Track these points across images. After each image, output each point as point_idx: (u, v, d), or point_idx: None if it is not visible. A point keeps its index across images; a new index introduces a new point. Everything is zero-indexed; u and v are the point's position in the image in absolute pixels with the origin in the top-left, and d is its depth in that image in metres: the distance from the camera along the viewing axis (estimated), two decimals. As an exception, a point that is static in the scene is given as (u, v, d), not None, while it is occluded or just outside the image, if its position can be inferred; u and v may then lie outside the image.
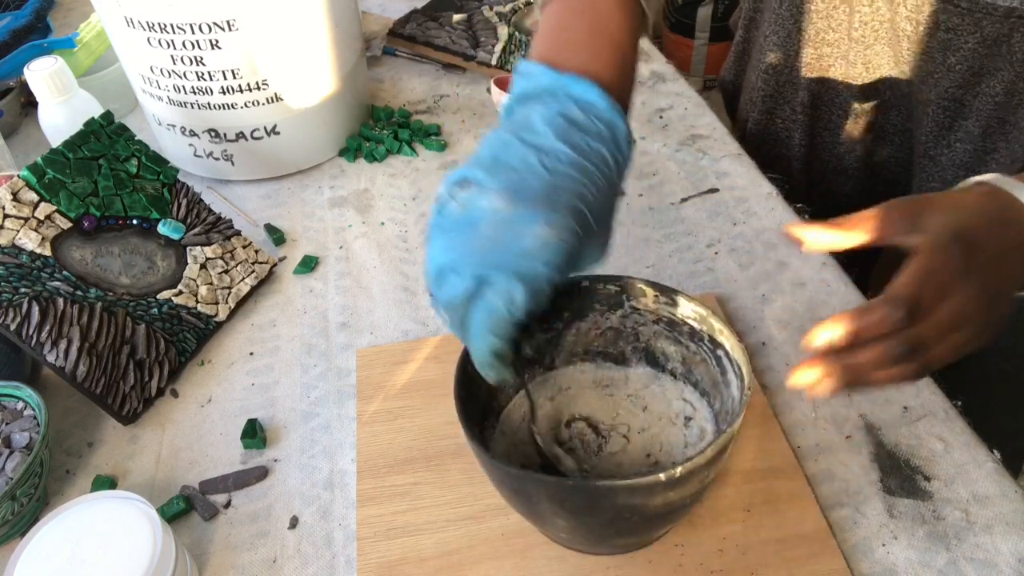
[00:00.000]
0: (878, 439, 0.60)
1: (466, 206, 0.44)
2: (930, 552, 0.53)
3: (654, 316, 0.56)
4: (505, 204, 0.43)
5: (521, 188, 0.43)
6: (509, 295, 0.43)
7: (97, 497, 0.51)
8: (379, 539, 0.56)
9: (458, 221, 0.44)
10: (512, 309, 0.43)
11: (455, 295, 0.44)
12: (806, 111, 0.85)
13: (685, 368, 0.57)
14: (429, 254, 0.45)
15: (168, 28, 0.76)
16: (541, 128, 0.45)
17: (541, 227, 0.42)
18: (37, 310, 0.62)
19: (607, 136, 0.46)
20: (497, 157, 0.45)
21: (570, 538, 0.52)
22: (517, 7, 1.14)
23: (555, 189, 0.43)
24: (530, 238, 0.42)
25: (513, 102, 0.48)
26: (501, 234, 0.42)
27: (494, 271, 0.42)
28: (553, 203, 0.43)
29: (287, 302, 0.76)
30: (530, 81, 0.48)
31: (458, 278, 0.43)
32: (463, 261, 0.43)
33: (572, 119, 0.45)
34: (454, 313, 0.45)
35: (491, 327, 0.44)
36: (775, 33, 0.84)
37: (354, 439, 0.63)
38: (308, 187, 0.89)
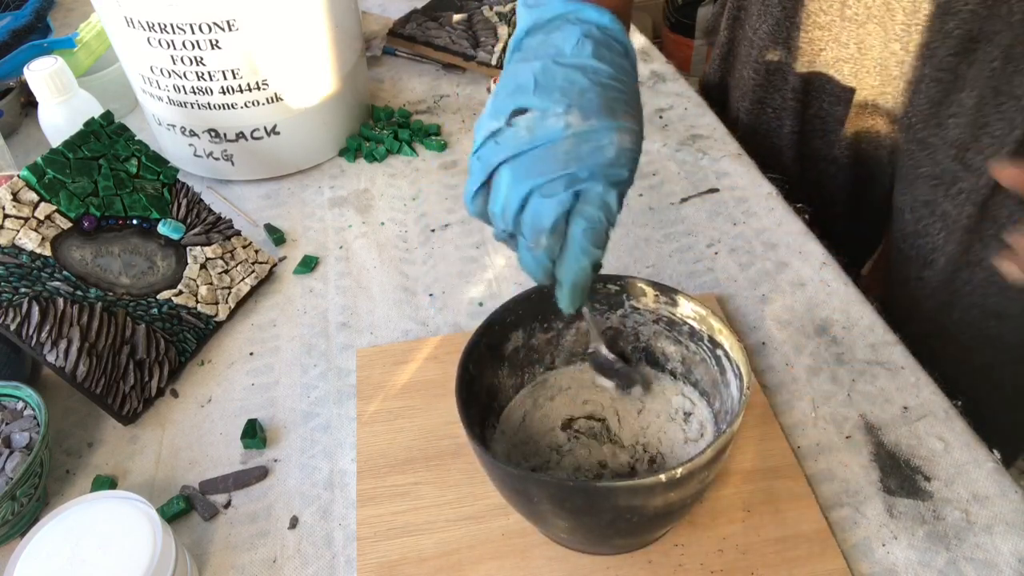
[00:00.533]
0: (878, 439, 0.60)
1: (533, 129, 0.44)
2: (930, 552, 0.53)
3: (654, 316, 0.56)
4: (576, 119, 0.44)
5: (583, 103, 0.44)
6: (606, 203, 0.44)
7: (97, 497, 0.51)
8: (379, 539, 0.56)
9: (528, 144, 0.44)
10: (610, 216, 0.44)
11: (552, 215, 0.43)
12: (797, 98, 0.85)
13: (685, 368, 0.57)
14: (501, 189, 0.45)
15: (168, 28, 0.76)
16: (571, 51, 0.46)
17: (615, 134, 0.44)
18: (37, 310, 0.62)
19: (624, 53, 0.48)
20: (542, 82, 0.45)
21: (570, 538, 0.52)
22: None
23: (612, 100, 0.45)
24: (609, 147, 0.44)
25: (523, 34, 0.49)
26: (582, 148, 0.43)
27: (587, 183, 0.43)
28: (617, 112, 0.45)
29: (287, 302, 0.76)
30: (542, 11, 0.48)
31: (551, 199, 0.43)
32: (552, 180, 0.43)
33: (595, 39, 0.47)
34: (550, 240, 0.44)
35: (593, 239, 0.44)
36: (764, 23, 0.84)
37: (354, 439, 0.63)
38: (308, 187, 0.89)
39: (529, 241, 0.45)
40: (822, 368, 0.65)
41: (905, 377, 0.64)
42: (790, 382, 0.65)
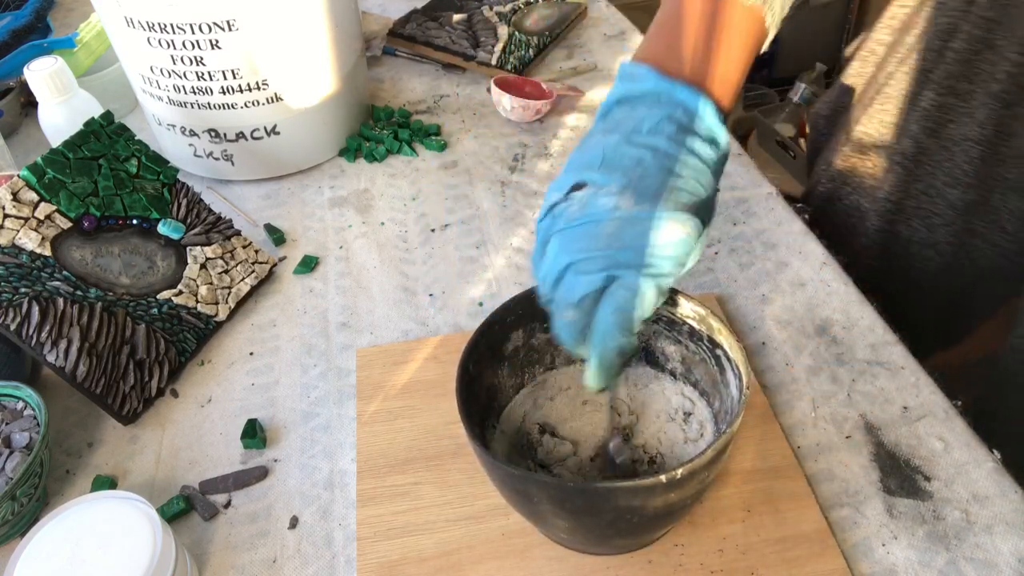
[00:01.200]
0: (878, 439, 0.60)
1: (585, 206, 0.44)
2: (930, 552, 0.53)
3: (654, 315, 0.56)
4: (628, 202, 0.43)
5: (640, 187, 0.43)
6: (640, 292, 0.43)
7: (97, 497, 0.51)
8: (379, 539, 0.56)
9: (578, 221, 0.44)
10: (643, 305, 0.43)
11: (585, 293, 0.43)
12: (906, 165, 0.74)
13: (685, 368, 0.57)
14: (547, 257, 0.45)
15: (168, 28, 0.76)
16: (649, 130, 0.45)
17: (665, 223, 0.43)
18: (37, 310, 0.62)
19: (710, 141, 0.46)
20: (609, 158, 0.45)
21: (570, 538, 0.52)
22: (517, 7, 1.14)
23: (673, 188, 0.44)
24: (656, 234, 0.43)
25: (612, 103, 0.48)
26: (626, 232, 0.43)
27: (623, 269, 0.43)
28: (675, 202, 0.43)
29: (287, 302, 0.76)
30: (634, 84, 0.47)
31: (584, 276, 0.43)
32: (589, 259, 0.43)
33: (679, 123, 0.45)
34: (583, 315, 0.44)
35: (620, 324, 0.44)
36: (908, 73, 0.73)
37: (354, 439, 0.63)
38: (308, 187, 0.89)
39: (558, 312, 0.45)
40: (822, 368, 0.65)
41: (905, 377, 0.64)
42: (790, 382, 0.65)
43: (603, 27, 1.15)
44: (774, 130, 2.05)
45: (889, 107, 0.74)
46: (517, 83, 0.99)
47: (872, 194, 0.78)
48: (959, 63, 0.68)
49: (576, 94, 1.00)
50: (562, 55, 1.10)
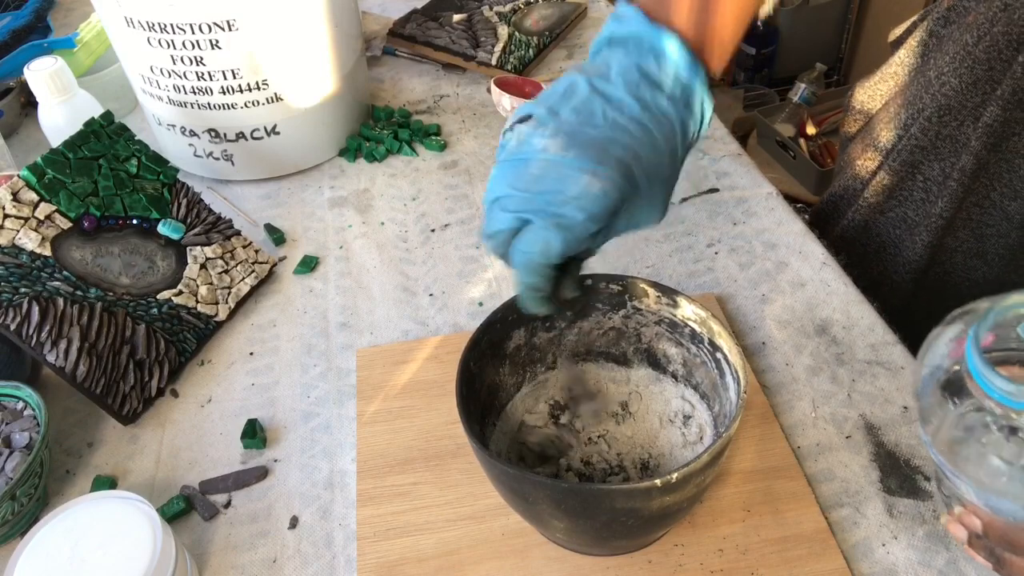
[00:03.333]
0: (878, 439, 0.60)
1: (521, 142, 0.44)
2: (930, 552, 0.53)
3: (656, 317, 0.56)
4: (557, 146, 0.43)
5: (576, 133, 0.43)
6: (546, 242, 0.43)
7: (97, 497, 0.51)
8: (379, 539, 0.56)
9: (512, 156, 0.44)
10: (547, 254, 0.44)
11: (498, 230, 0.45)
12: (962, 180, 0.72)
13: (686, 370, 0.57)
14: (488, 183, 0.46)
15: (168, 28, 0.76)
16: (614, 77, 0.45)
17: (586, 175, 0.42)
18: (37, 310, 0.62)
19: (678, 97, 0.45)
20: (564, 97, 0.45)
21: (568, 539, 0.52)
22: (517, 7, 1.14)
23: (609, 141, 0.43)
24: (574, 184, 0.42)
25: (603, 42, 0.48)
26: (546, 176, 0.43)
27: (535, 213, 0.43)
28: (603, 154, 0.43)
29: (287, 302, 0.76)
30: (620, 25, 0.47)
31: (502, 213, 0.44)
32: (509, 197, 0.44)
33: (647, 73, 0.45)
34: (498, 246, 0.46)
35: (526, 266, 0.45)
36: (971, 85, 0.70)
37: (354, 439, 0.63)
38: (308, 187, 0.89)
39: (487, 241, 0.46)
40: (822, 368, 0.65)
41: (905, 377, 0.64)
42: (790, 382, 0.65)
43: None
44: (774, 130, 2.04)
45: (948, 119, 0.72)
46: (517, 83, 0.99)
47: (925, 208, 0.76)
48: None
49: (576, 94, 0.99)
50: (562, 55, 1.10)
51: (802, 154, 1.98)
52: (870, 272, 0.76)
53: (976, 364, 0.35)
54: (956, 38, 0.72)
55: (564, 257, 0.44)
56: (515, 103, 0.93)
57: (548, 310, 0.48)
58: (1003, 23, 0.66)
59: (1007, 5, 0.67)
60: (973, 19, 0.71)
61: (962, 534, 0.43)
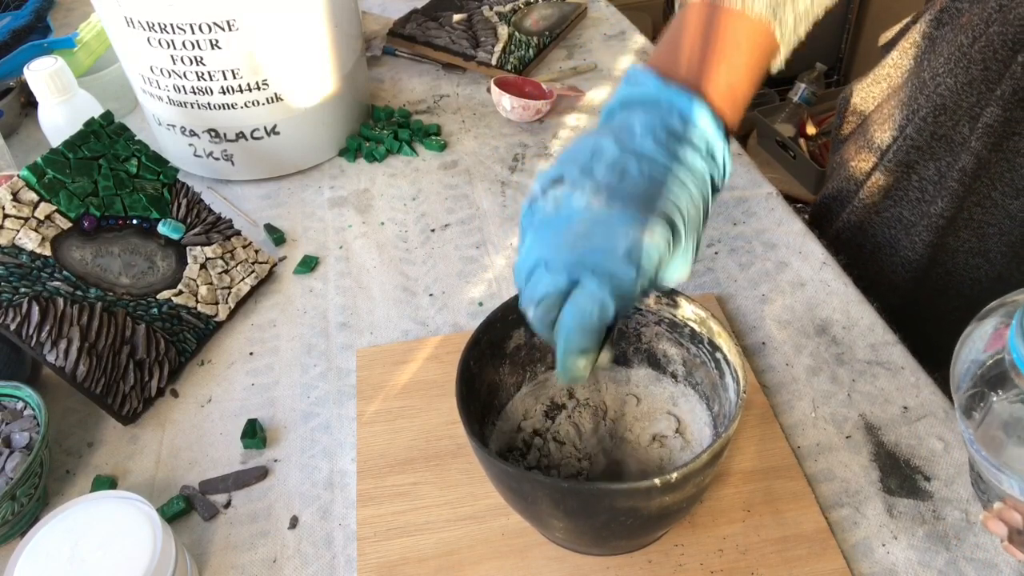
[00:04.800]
0: (878, 439, 0.60)
1: (559, 203, 0.43)
2: (930, 552, 0.53)
3: (656, 317, 0.56)
4: (600, 203, 0.42)
5: (617, 189, 0.43)
6: (601, 300, 0.42)
7: (97, 497, 0.51)
8: (379, 539, 0.56)
9: (551, 218, 0.43)
10: (602, 314, 0.42)
11: (547, 293, 0.43)
12: (962, 179, 0.71)
13: (686, 370, 0.57)
14: (521, 250, 0.45)
15: (168, 28, 0.76)
16: (641, 134, 0.44)
17: (635, 229, 0.42)
18: (37, 310, 0.62)
19: (705, 153, 0.45)
20: (594, 158, 0.44)
21: (566, 538, 0.52)
22: (517, 7, 1.14)
23: (651, 194, 0.43)
24: (623, 239, 0.42)
25: (615, 106, 0.48)
26: (594, 233, 0.42)
27: (586, 272, 0.42)
28: (648, 207, 0.42)
29: (287, 302, 0.76)
30: (635, 88, 0.47)
31: (550, 275, 0.43)
32: (555, 258, 0.43)
33: (672, 130, 0.45)
34: (546, 312, 0.44)
35: (580, 329, 0.43)
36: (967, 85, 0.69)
37: (354, 439, 0.63)
38: (308, 187, 0.89)
39: (526, 307, 0.45)
40: (822, 368, 0.65)
41: (905, 377, 0.64)
42: (790, 382, 0.65)
43: (603, 27, 1.15)
44: (774, 130, 2.04)
45: (943, 120, 0.72)
46: (517, 83, 0.99)
47: (921, 208, 0.76)
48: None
49: (576, 94, 1.00)
50: (562, 55, 1.10)
51: (802, 154, 1.98)
52: (868, 272, 0.76)
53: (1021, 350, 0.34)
54: (950, 39, 0.72)
55: (615, 318, 0.43)
56: (515, 103, 0.93)
57: (583, 379, 0.46)
58: (999, 23, 0.66)
59: (1002, 6, 0.67)
60: (967, 20, 0.71)
61: (1002, 531, 0.42)
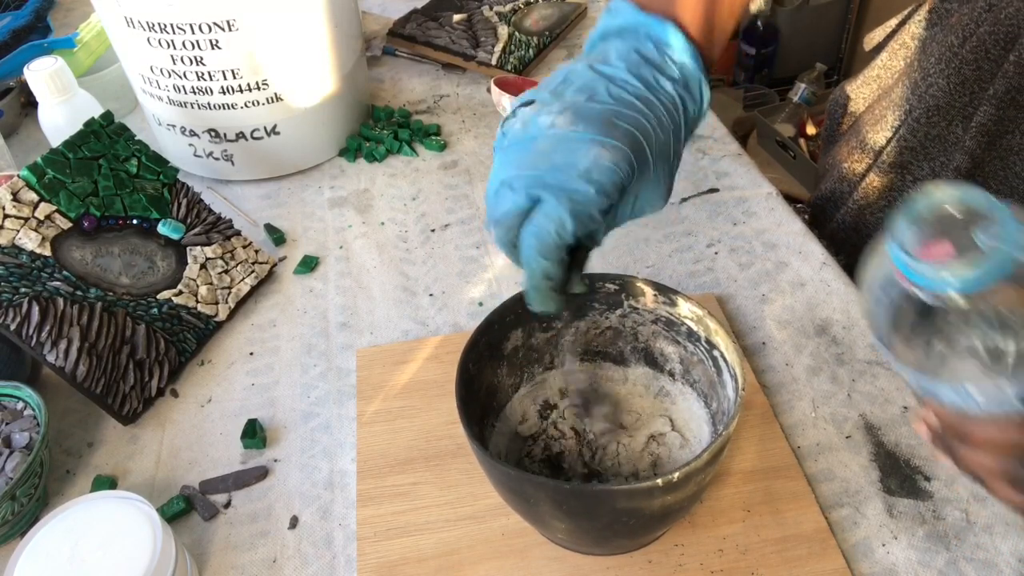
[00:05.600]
0: (878, 439, 0.60)
1: (527, 123, 0.44)
2: (930, 552, 0.53)
3: (653, 316, 0.56)
4: (565, 122, 0.43)
5: (582, 109, 0.43)
6: (558, 218, 0.43)
7: (97, 497, 0.51)
8: (379, 539, 0.56)
9: (518, 138, 0.44)
10: (562, 233, 0.43)
11: (505, 210, 0.44)
12: (959, 177, 0.71)
13: (683, 368, 0.57)
14: (492, 171, 0.46)
15: (168, 28, 0.75)
16: (614, 60, 0.45)
17: (595, 147, 0.42)
18: (37, 310, 0.62)
19: (678, 78, 0.46)
20: (565, 81, 0.45)
21: (568, 539, 0.52)
22: (517, 7, 1.14)
23: (616, 115, 0.43)
24: (584, 157, 0.42)
25: (596, 38, 0.48)
26: (556, 151, 0.43)
27: (545, 190, 0.43)
28: (611, 127, 0.43)
29: (287, 302, 0.76)
30: (614, 18, 0.47)
31: (512, 194, 0.44)
32: (517, 176, 0.43)
33: (645, 55, 0.45)
34: (507, 231, 0.45)
35: (540, 249, 0.44)
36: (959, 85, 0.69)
37: (354, 439, 0.63)
38: (308, 187, 0.89)
39: (490, 226, 0.45)
40: (822, 368, 0.65)
41: (905, 377, 0.64)
42: (790, 382, 0.65)
43: (603, 27, 1.15)
44: (774, 130, 2.04)
45: (936, 120, 0.72)
46: (517, 83, 0.99)
47: None
48: (1022, 74, 0.65)
49: (576, 94, 0.99)
50: (562, 55, 1.10)
51: (802, 154, 1.98)
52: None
53: (896, 255, 0.36)
54: (940, 40, 0.72)
55: (576, 237, 0.43)
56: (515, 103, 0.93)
57: (556, 306, 0.47)
58: (988, 23, 0.67)
59: (992, 5, 0.67)
60: (956, 20, 0.71)
61: (924, 432, 0.43)
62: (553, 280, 0.45)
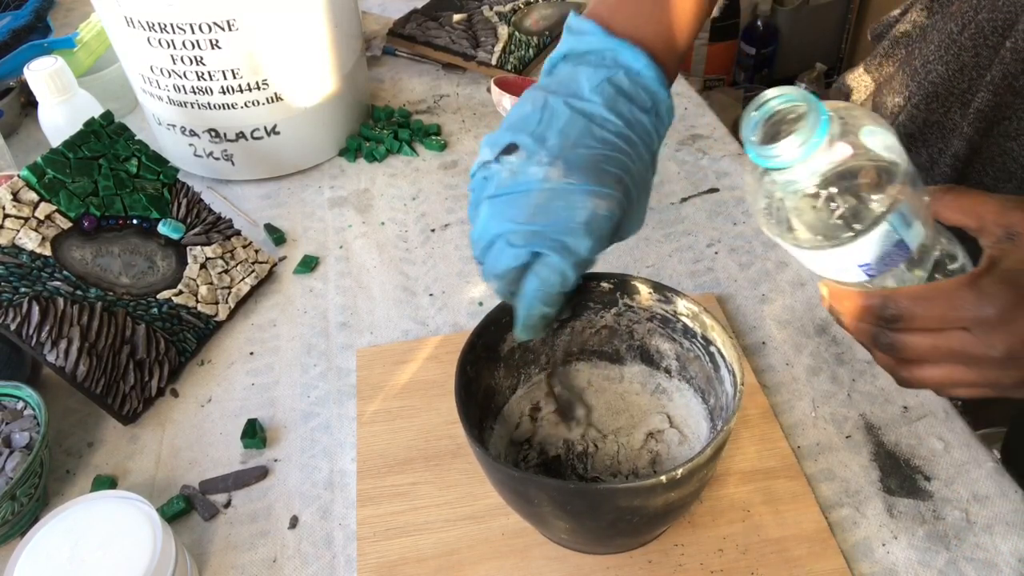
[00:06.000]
0: (878, 439, 0.60)
1: (516, 174, 0.44)
2: (930, 552, 0.53)
3: (648, 313, 0.56)
4: (558, 174, 0.43)
5: (571, 159, 0.43)
6: (561, 271, 0.43)
7: (97, 497, 0.51)
8: (379, 539, 0.56)
9: (508, 188, 0.44)
10: (565, 284, 0.44)
11: (508, 266, 0.44)
12: (955, 165, 0.71)
13: (680, 365, 0.57)
14: (479, 222, 0.45)
15: (168, 28, 0.76)
16: (588, 94, 0.45)
17: (591, 199, 0.43)
18: (37, 310, 0.62)
19: (650, 107, 0.46)
20: (544, 122, 0.44)
21: (570, 539, 0.52)
22: (517, 7, 1.14)
23: (604, 159, 0.44)
24: (582, 210, 0.43)
25: (558, 58, 0.48)
26: (553, 205, 0.43)
27: (546, 245, 0.43)
28: (602, 174, 0.43)
29: (287, 302, 0.76)
30: (580, 40, 0.47)
31: (511, 249, 0.44)
32: (516, 231, 0.43)
33: (619, 87, 0.45)
34: (504, 283, 0.45)
35: (543, 299, 0.45)
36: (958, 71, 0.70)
37: (354, 439, 0.63)
38: (308, 187, 0.89)
39: (487, 278, 0.46)
40: (822, 368, 0.65)
41: (905, 377, 0.64)
42: (790, 382, 0.65)
43: (603, 27, 1.15)
44: (774, 130, 2.04)
45: (935, 107, 0.72)
46: (517, 83, 0.99)
47: None
48: (1018, 60, 0.66)
49: (576, 94, 0.99)
50: (562, 55, 1.10)
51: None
52: None
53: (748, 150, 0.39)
54: (940, 27, 0.73)
55: (575, 284, 0.45)
56: (515, 102, 0.93)
57: (545, 334, 0.48)
58: (987, 10, 0.67)
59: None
60: (957, 8, 0.71)
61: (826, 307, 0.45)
62: (552, 319, 0.47)
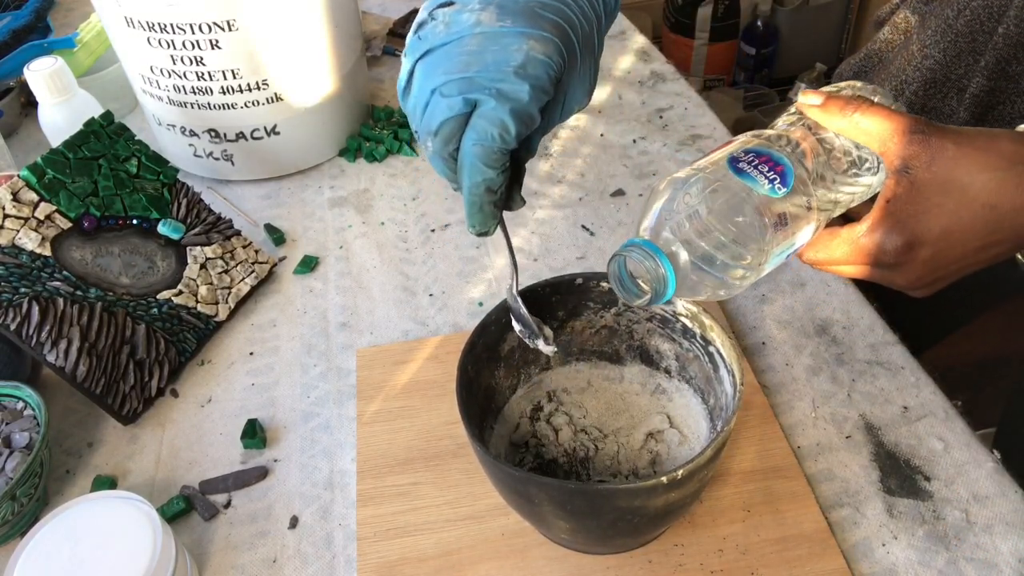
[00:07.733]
0: (878, 439, 0.60)
1: (449, 24, 0.42)
2: (930, 552, 0.53)
3: (648, 313, 0.56)
4: (491, 18, 0.41)
5: (505, 3, 0.41)
6: (501, 121, 0.41)
7: (97, 497, 0.51)
8: (379, 539, 0.56)
9: (441, 40, 0.42)
10: (505, 136, 0.41)
11: (444, 119, 0.41)
12: None
13: (679, 365, 0.57)
14: (413, 85, 0.43)
15: (168, 28, 0.76)
16: None
17: (526, 41, 0.40)
18: (37, 310, 0.62)
19: None
20: None
21: (571, 539, 0.52)
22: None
23: (540, 5, 0.42)
24: (516, 53, 0.40)
25: None
26: (486, 49, 0.41)
27: (482, 92, 0.41)
28: (538, 18, 0.41)
29: (287, 302, 0.76)
30: None
31: (446, 100, 0.41)
32: (449, 81, 0.41)
33: None
34: (444, 143, 0.42)
35: (483, 157, 0.41)
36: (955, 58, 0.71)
37: (354, 439, 0.63)
38: (308, 187, 0.89)
39: (424, 142, 0.43)
40: (822, 368, 0.65)
41: (905, 377, 0.64)
42: (790, 382, 0.65)
43: (603, 27, 1.15)
44: (774, 130, 2.05)
45: (932, 92, 0.72)
46: (517, 83, 0.99)
47: None
48: (1010, 46, 0.66)
49: (576, 94, 0.99)
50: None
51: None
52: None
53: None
54: (937, 13, 0.73)
55: (518, 140, 0.42)
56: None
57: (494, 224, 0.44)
58: None
59: None
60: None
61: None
62: (496, 193, 0.43)
